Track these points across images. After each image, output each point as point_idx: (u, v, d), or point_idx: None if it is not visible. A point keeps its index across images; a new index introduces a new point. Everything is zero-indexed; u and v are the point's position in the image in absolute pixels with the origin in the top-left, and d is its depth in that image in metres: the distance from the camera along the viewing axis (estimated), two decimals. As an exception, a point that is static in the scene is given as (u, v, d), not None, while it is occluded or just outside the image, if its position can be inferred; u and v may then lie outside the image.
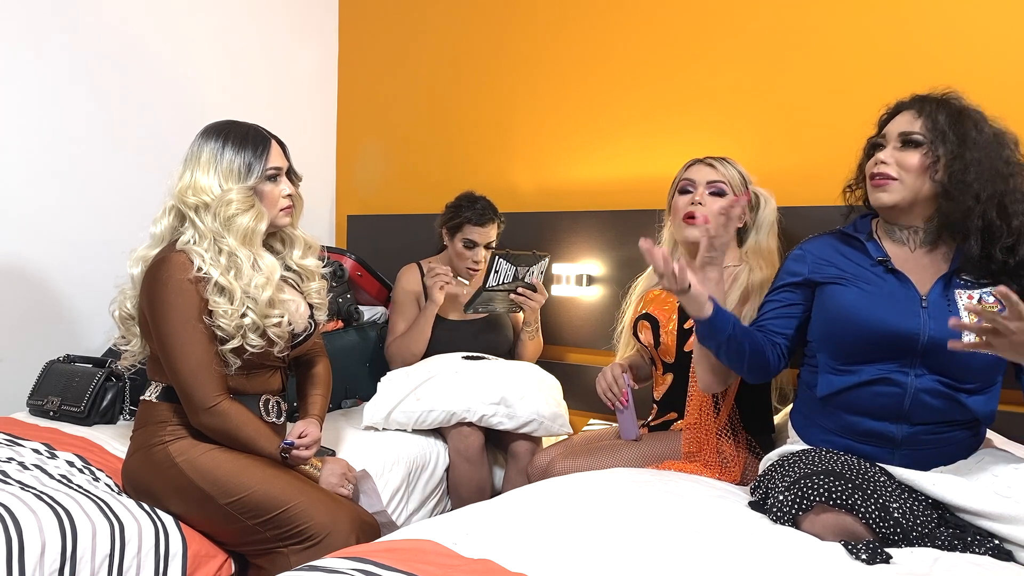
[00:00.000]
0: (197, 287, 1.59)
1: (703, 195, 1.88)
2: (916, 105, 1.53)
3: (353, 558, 1.15)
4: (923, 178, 1.48)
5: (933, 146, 1.47)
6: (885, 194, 1.51)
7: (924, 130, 1.49)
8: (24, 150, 2.34)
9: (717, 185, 1.88)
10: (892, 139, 1.53)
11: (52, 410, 2.08)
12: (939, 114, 1.48)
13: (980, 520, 1.35)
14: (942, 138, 1.46)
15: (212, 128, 1.71)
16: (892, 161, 1.51)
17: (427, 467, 2.12)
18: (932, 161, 1.47)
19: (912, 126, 1.50)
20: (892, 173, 1.50)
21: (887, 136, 1.54)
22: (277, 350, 1.69)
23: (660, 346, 1.92)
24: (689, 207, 1.88)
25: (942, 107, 1.50)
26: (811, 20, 2.22)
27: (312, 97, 3.23)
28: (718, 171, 1.90)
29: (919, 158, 1.48)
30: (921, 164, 1.48)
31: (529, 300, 2.32)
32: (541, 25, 2.74)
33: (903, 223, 1.55)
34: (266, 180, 1.69)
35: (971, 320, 1.39)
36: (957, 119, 1.47)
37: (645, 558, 1.19)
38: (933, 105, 1.50)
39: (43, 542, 1.38)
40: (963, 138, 1.46)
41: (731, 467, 1.78)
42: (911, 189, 1.49)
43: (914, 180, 1.49)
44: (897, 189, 1.50)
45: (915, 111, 1.52)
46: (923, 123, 1.49)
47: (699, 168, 1.92)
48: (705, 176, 1.89)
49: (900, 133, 1.51)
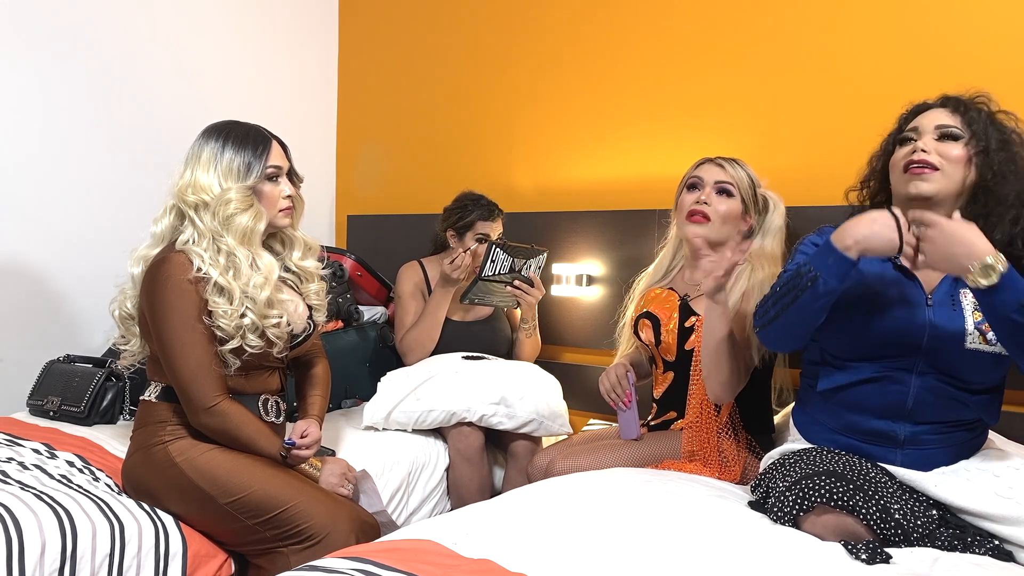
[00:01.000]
0: (197, 287, 1.59)
1: (709, 193, 1.87)
2: (949, 104, 1.51)
3: (353, 558, 1.15)
4: (965, 170, 1.46)
5: (975, 140, 1.45)
6: (925, 183, 1.46)
7: (962, 125, 1.47)
8: (24, 150, 2.34)
9: (724, 185, 1.88)
10: (927, 132, 1.49)
11: (52, 410, 2.08)
12: (975, 114, 1.47)
13: (981, 521, 1.35)
14: (984, 134, 1.45)
15: (213, 127, 1.71)
16: (932, 150, 1.47)
17: (427, 467, 2.12)
18: (975, 153, 1.45)
19: (951, 120, 1.48)
20: (934, 162, 1.46)
21: (920, 130, 1.50)
22: (276, 350, 1.69)
23: (661, 344, 1.92)
24: (694, 204, 1.87)
25: (975, 109, 1.48)
26: (812, 21, 2.22)
27: (312, 97, 3.23)
28: (727, 172, 1.89)
29: (961, 149, 1.46)
30: (963, 155, 1.46)
31: (526, 295, 2.32)
32: (542, 26, 2.74)
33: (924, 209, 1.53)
34: (266, 180, 1.69)
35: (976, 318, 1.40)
36: (991, 121, 1.47)
37: (645, 558, 1.19)
38: (967, 106, 1.49)
39: (43, 542, 1.38)
40: (1003, 138, 1.45)
41: (731, 466, 1.78)
42: (952, 180, 1.46)
43: (956, 171, 1.46)
44: (938, 179, 1.46)
45: (949, 109, 1.50)
46: (960, 120, 1.48)
47: (709, 167, 1.92)
48: (714, 176, 1.89)
49: (937, 126, 1.48)
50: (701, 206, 1.86)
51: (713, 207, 1.86)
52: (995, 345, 1.41)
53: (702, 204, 1.86)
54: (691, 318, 1.88)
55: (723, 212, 1.87)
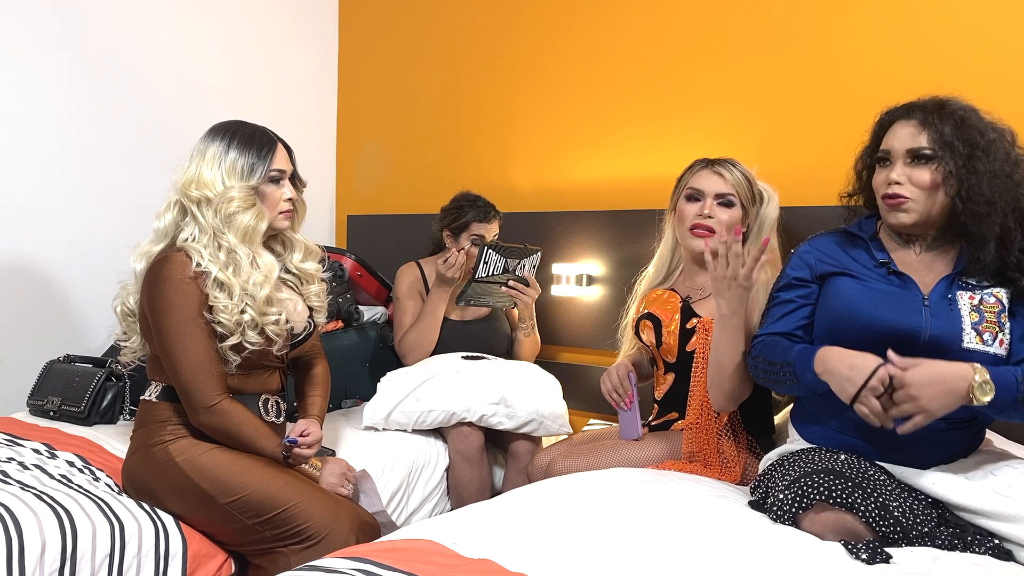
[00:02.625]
0: (197, 282, 1.60)
1: (712, 207, 1.86)
2: (916, 115, 1.49)
3: (353, 558, 1.15)
4: (936, 194, 1.46)
5: (943, 160, 1.44)
6: (904, 215, 1.48)
7: (931, 143, 1.45)
8: (25, 150, 2.34)
9: (726, 197, 1.87)
10: (899, 156, 1.49)
11: (52, 410, 2.08)
12: (943, 125, 1.45)
13: (980, 519, 1.35)
14: (951, 150, 1.43)
15: (220, 126, 1.72)
16: (905, 180, 1.47)
17: (427, 467, 2.12)
18: (944, 176, 1.44)
19: (918, 141, 1.46)
20: (906, 193, 1.47)
21: (893, 153, 1.50)
22: (276, 348, 1.70)
23: (662, 346, 1.92)
24: (697, 219, 1.86)
25: (944, 116, 1.46)
26: (811, 20, 2.22)
27: (312, 97, 3.23)
28: (726, 180, 1.87)
29: (930, 174, 1.45)
30: (933, 180, 1.45)
31: (521, 294, 2.32)
32: (541, 26, 2.74)
33: (915, 234, 1.54)
34: (268, 182, 1.70)
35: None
36: (961, 127, 1.45)
37: (645, 558, 1.19)
38: (934, 115, 1.47)
39: (43, 542, 1.38)
40: (972, 147, 1.43)
41: (731, 467, 1.78)
42: (925, 206, 1.47)
43: (927, 197, 1.46)
44: (913, 208, 1.47)
45: (917, 122, 1.48)
46: (928, 136, 1.46)
47: (707, 176, 1.89)
48: (714, 187, 1.87)
49: (908, 150, 1.47)
50: (705, 220, 1.86)
51: (716, 219, 1.86)
52: (991, 345, 1.42)
53: (705, 218, 1.86)
54: (692, 319, 1.88)
55: (726, 222, 1.86)
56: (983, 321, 1.43)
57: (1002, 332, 1.43)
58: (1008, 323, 1.44)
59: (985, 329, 1.42)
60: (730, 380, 1.67)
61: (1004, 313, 1.44)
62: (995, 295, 1.46)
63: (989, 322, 1.43)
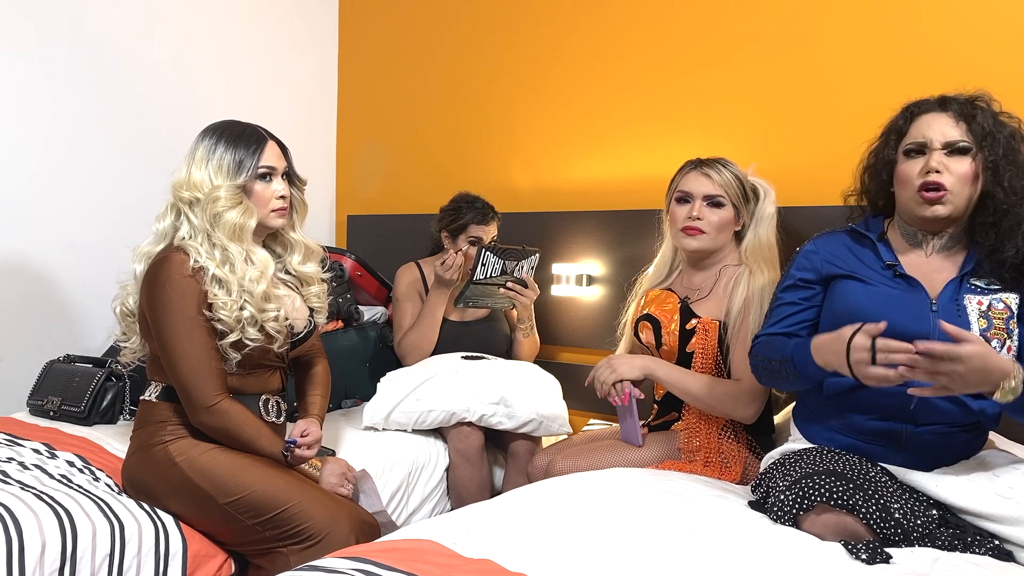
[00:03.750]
0: (196, 278, 1.60)
1: (700, 208, 1.88)
2: (952, 107, 1.46)
3: (353, 558, 1.15)
4: (973, 187, 1.44)
5: (982, 151, 1.42)
6: (943, 207, 1.45)
7: (970, 135, 1.43)
8: (25, 150, 2.34)
9: (715, 198, 1.88)
10: (936, 147, 1.45)
11: (52, 410, 2.08)
12: (982, 117, 1.43)
13: (981, 521, 1.35)
14: (991, 141, 1.41)
15: (212, 126, 1.72)
16: (943, 169, 1.44)
17: (427, 467, 2.12)
18: (982, 168, 1.42)
19: (956, 132, 1.44)
20: (948, 183, 1.43)
21: (930, 144, 1.45)
22: (276, 346, 1.70)
23: (662, 347, 1.92)
24: (687, 221, 1.88)
25: (979, 109, 1.44)
26: (810, 20, 2.22)
27: (312, 97, 3.23)
28: (714, 181, 1.88)
29: (969, 165, 1.43)
30: (972, 172, 1.43)
31: (520, 296, 2.32)
32: (541, 26, 2.74)
33: (936, 231, 1.51)
34: (257, 179, 1.69)
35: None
36: (994, 120, 1.43)
37: (645, 558, 1.19)
38: (969, 106, 1.45)
39: (43, 542, 1.38)
40: (1011, 138, 1.42)
41: (731, 466, 1.78)
42: (963, 198, 1.45)
43: (964, 189, 1.44)
44: (950, 200, 1.44)
45: (953, 114, 1.45)
46: (966, 127, 1.43)
47: (695, 178, 1.90)
48: (702, 188, 1.88)
49: (946, 143, 1.44)
50: (694, 221, 1.87)
51: (706, 220, 1.87)
52: (999, 352, 1.41)
53: (695, 220, 1.87)
54: (692, 320, 1.88)
55: (716, 223, 1.88)
56: (991, 327, 1.42)
57: (1010, 339, 1.42)
58: (1017, 329, 1.43)
59: (993, 336, 1.41)
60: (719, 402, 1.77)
61: (1013, 319, 1.43)
62: (1004, 300, 1.44)
63: (997, 328, 1.42)
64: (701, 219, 1.87)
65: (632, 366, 1.85)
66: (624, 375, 1.84)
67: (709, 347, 1.84)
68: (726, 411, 1.79)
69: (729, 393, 1.78)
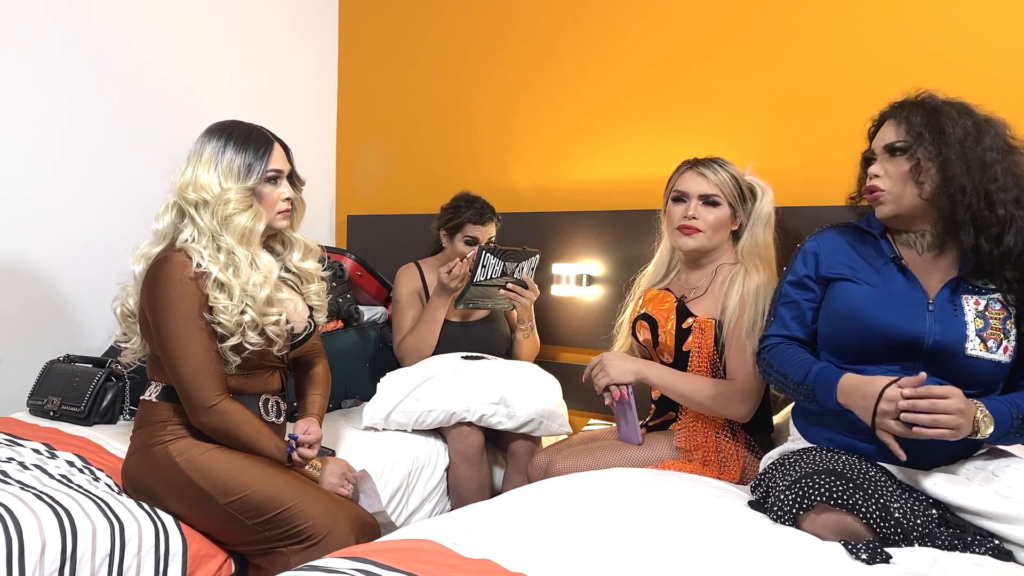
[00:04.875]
0: (197, 283, 1.60)
1: (696, 208, 1.88)
2: (895, 112, 1.53)
3: (353, 558, 1.15)
4: (908, 184, 1.48)
5: (913, 150, 1.47)
6: (881, 207, 1.52)
7: (904, 136, 1.49)
8: (25, 150, 2.34)
9: (711, 197, 1.88)
10: (879, 152, 1.53)
11: (52, 410, 2.08)
12: (915, 116, 1.48)
13: (980, 520, 1.35)
14: (919, 139, 1.46)
15: (216, 127, 1.71)
16: (882, 173, 1.51)
17: (427, 467, 2.12)
18: (914, 164, 1.47)
19: (894, 135, 1.50)
20: (881, 186, 1.51)
21: (875, 150, 1.55)
22: (276, 349, 1.70)
23: (659, 346, 1.92)
24: (683, 220, 1.89)
25: (917, 109, 1.50)
26: (810, 20, 2.22)
27: (312, 97, 3.23)
28: (709, 181, 1.89)
29: (903, 165, 1.48)
30: (904, 171, 1.48)
31: (520, 297, 2.32)
32: (541, 26, 2.74)
33: (910, 229, 1.54)
34: (266, 182, 1.69)
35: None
36: (931, 117, 1.47)
37: (645, 558, 1.19)
38: (909, 109, 1.51)
39: (43, 542, 1.38)
40: (940, 134, 1.45)
41: (730, 466, 1.78)
42: (898, 197, 1.49)
43: (900, 188, 1.49)
44: (888, 200, 1.51)
45: (895, 119, 1.52)
46: (903, 129, 1.49)
47: (691, 177, 1.91)
48: (697, 188, 1.89)
49: (885, 145, 1.52)
50: (690, 221, 1.88)
51: (702, 219, 1.88)
52: (995, 352, 1.42)
53: (690, 219, 1.88)
54: (688, 319, 1.88)
55: (712, 222, 1.88)
56: (988, 328, 1.43)
57: (1007, 339, 1.43)
58: (1014, 330, 1.44)
59: (990, 336, 1.42)
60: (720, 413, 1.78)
61: (1010, 320, 1.44)
62: (1001, 301, 1.45)
63: (994, 329, 1.43)
64: (697, 218, 1.88)
65: (625, 370, 1.86)
66: (616, 379, 1.85)
67: (705, 346, 1.85)
68: (720, 411, 1.79)
69: (723, 393, 1.78)
